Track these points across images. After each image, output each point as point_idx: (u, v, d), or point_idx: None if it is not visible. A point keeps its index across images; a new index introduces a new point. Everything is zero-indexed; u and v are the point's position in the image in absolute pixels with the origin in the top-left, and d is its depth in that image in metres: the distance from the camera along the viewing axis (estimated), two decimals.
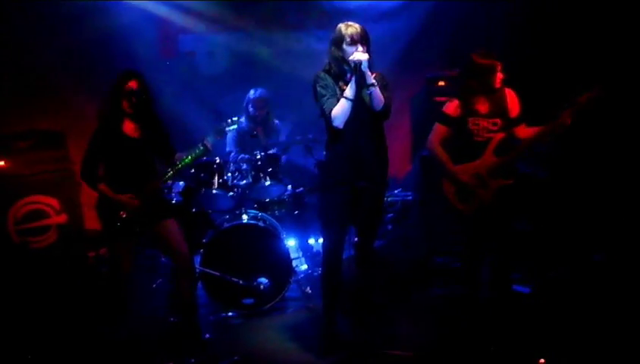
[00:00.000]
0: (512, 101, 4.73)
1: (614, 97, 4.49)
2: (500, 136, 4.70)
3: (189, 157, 4.66)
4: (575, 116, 4.41)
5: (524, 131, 4.71)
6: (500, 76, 4.69)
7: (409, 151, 7.24)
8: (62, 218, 6.02)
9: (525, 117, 4.74)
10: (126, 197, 4.54)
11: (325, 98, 4.38)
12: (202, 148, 4.65)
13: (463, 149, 4.80)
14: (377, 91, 4.28)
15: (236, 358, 4.60)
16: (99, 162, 4.56)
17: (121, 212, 4.52)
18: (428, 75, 6.74)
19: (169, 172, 4.66)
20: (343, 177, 4.39)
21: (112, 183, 4.55)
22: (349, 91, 4.27)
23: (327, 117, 4.36)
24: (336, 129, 4.34)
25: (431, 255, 6.27)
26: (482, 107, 4.72)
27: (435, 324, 5.11)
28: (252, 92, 6.30)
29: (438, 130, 4.87)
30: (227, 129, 4.76)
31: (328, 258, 4.68)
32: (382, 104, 4.33)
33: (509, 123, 4.71)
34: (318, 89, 4.42)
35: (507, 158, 4.67)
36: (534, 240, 5.88)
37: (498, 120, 4.70)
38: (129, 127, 4.60)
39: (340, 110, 4.29)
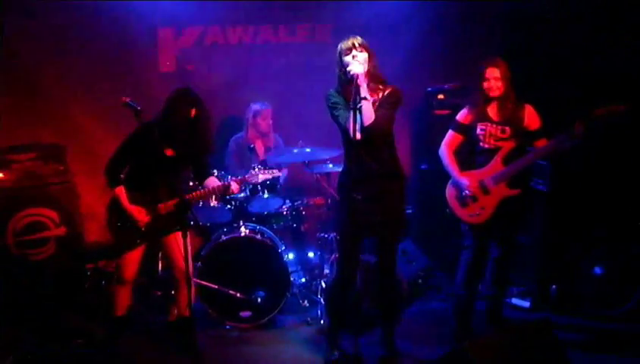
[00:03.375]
0: (531, 116, 4.77)
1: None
2: (511, 145, 4.73)
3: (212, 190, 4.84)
4: (588, 127, 4.45)
5: (541, 144, 4.74)
6: (493, 84, 4.70)
7: (409, 164, 7.23)
8: (61, 231, 6.01)
9: (546, 133, 4.76)
10: (137, 210, 4.60)
11: (339, 112, 4.35)
12: (226, 185, 4.82)
13: (471, 156, 4.87)
14: (367, 106, 4.23)
15: None
16: (126, 164, 4.63)
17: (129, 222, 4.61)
18: (428, 88, 6.77)
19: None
20: (354, 190, 4.37)
21: (130, 188, 4.61)
22: (352, 100, 4.21)
23: (345, 131, 4.30)
24: (353, 141, 4.22)
25: (430, 269, 6.27)
26: (493, 113, 4.77)
27: (435, 338, 5.11)
28: (257, 103, 6.32)
29: (450, 137, 4.95)
30: (252, 181, 4.97)
31: (340, 271, 4.67)
32: (370, 121, 4.25)
33: (526, 135, 4.75)
34: (330, 106, 4.42)
35: (513, 167, 4.69)
36: (533, 253, 5.86)
37: (508, 129, 4.72)
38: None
39: (350, 121, 4.20)
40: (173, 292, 5.10)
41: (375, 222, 4.45)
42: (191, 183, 5.31)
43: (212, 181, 4.90)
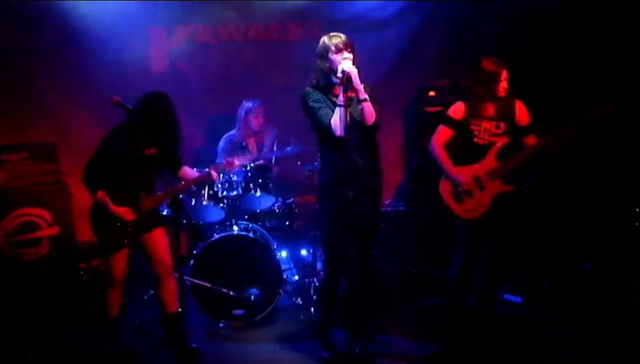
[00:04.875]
0: (521, 112, 4.78)
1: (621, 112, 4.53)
2: (504, 141, 4.74)
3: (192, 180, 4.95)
4: (583, 127, 4.46)
5: (531, 141, 4.75)
6: (504, 85, 4.72)
7: (400, 161, 7.25)
8: (54, 230, 5.99)
9: (535, 128, 4.78)
10: (123, 210, 4.59)
11: (320, 110, 4.38)
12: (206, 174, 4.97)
13: (464, 152, 4.84)
14: (369, 106, 4.30)
15: None
16: (105, 168, 4.58)
17: (117, 223, 4.59)
18: (419, 86, 6.77)
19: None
20: (340, 189, 4.38)
21: (111, 191, 4.58)
22: (342, 98, 4.24)
23: (328, 129, 4.34)
24: (338, 139, 4.29)
25: (423, 265, 6.29)
26: (488, 109, 4.76)
27: (428, 334, 5.10)
28: (249, 102, 6.32)
29: (441, 131, 4.89)
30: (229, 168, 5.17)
31: (331, 269, 4.69)
32: (374, 118, 4.34)
33: (516, 131, 4.76)
34: (311, 104, 4.42)
35: (508, 163, 4.69)
36: (524, 249, 5.89)
37: (502, 124, 4.73)
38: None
39: (338, 119, 4.26)
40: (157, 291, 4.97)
41: (359, 220, 4.45)
42: None
43: (188, 170, 5.01)
